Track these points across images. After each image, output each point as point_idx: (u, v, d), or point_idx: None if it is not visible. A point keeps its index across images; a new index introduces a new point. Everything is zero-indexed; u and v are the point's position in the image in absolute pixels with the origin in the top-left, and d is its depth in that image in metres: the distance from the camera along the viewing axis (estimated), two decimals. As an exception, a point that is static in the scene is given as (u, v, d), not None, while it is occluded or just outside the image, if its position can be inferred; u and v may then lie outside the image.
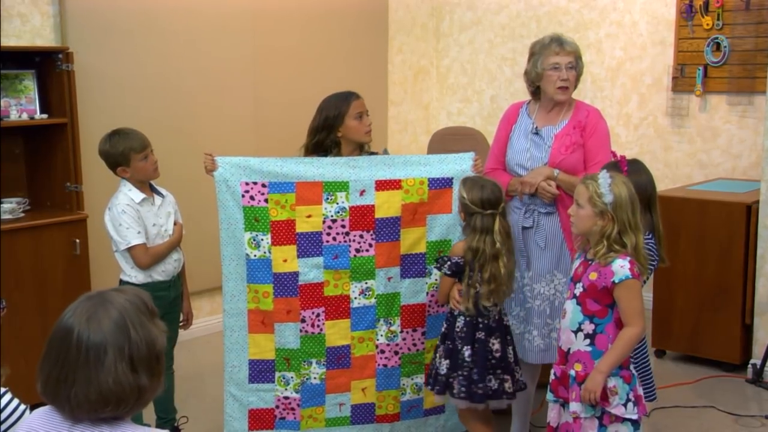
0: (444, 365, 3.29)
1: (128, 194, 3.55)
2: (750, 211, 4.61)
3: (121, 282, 3.61)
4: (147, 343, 1.74)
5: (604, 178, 2.86)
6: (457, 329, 3.29)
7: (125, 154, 3.52)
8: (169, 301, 3.68)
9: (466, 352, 3.26)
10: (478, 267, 3.24)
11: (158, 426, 3.75)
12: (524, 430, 3.77)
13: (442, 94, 6.78)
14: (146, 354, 1.73)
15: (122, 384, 1.69)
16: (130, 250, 3.53)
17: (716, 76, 5.35)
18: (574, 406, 2.87)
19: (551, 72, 3.57)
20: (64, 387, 1.69)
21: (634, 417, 2.84)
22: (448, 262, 3.29)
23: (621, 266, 2.80)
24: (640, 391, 2.90)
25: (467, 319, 3.28)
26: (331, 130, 3.61)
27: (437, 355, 3.35)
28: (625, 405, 2.84)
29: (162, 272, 3.63)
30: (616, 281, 2.80)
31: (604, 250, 2.83)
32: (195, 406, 4.10)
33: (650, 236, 3.23)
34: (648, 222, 3.22)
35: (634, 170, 3.28)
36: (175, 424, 3.88)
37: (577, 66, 3.62)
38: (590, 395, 2.81)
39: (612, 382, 2.84)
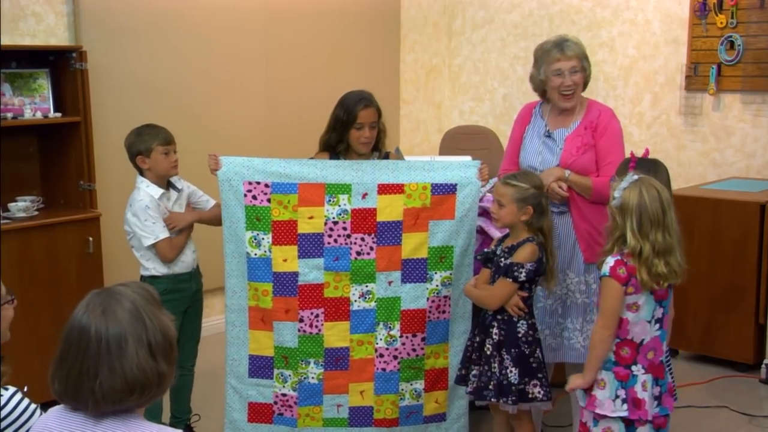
0: (514, 374, 3.18)
1: (147, 190, 3.59)
2: (764, 210, 4.59)
3: (142, 278, 3.64)
4: (161, 331, 1.78)
5: (626, 180, 2.88)
6: (520, 335, 3.21)
7: (148, 143, 3.57)
8: (191, 294, 3.73)
9: (539, 354, 3.24)
10: (548, 255, 3.24)
11: (172, 425, 3.76)
12: (536, 430, 3.76)
13: (454, 92, 6.77)
14: (162, 341, 1.77)
15: (145, 370, 1.73)
16: (157, 245, 3.56)
17: (730, 75, 5.32)
18: (578, 394, 3.00)
19: (555, 78, 3.56)
20: (87, 381, 1.71)
21: (622, 414, 2.85)
22: (524, 269, 3.18)
23: (606, 263, 2.86)
24: (642, 396, 2.86)
25: (529, 322, 3.25)
26: (341, 134, 3.62)
27: (495, 364, 3.20)
28: (613, 401, 2.86)
29: (181, 263, 3.67)
30: (600, 275, 2.89)
31: (608, 247, 2.90)
32: (208, 404, 4.12)
33: None
34: None
35: (645, 170, 3.25)
36: (188, 423, 3.90)
37: (582, 68, 3.58)
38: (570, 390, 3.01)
39: (601, 375, 2.89)
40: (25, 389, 2.18)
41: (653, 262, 2.80)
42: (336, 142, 3.64)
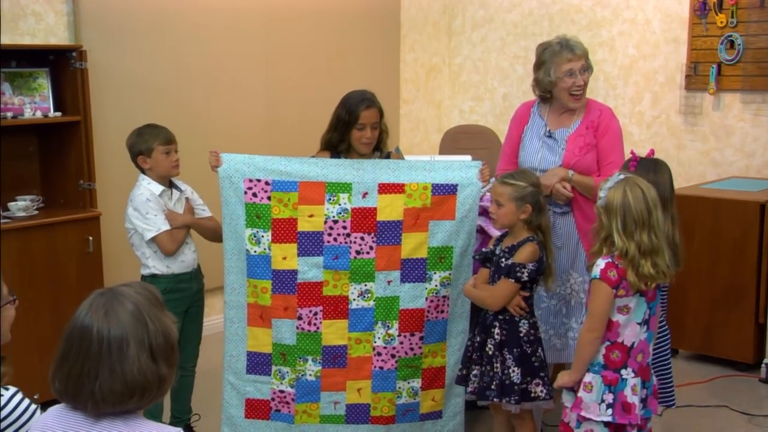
0: (517, 373, 3.17)
1: (148, 187, 3.60)
2: (764, 209, 4.59)
3: (143, 277, 3.64)
4: (163, 333, 1.78)
5: (611, 180, 2.86)
6: (522, 334, 3.20)
7: (149, 142, 3.58)
8: (192, 294, 3.73)
9: (540, 353, 3.24)
10: (547, 252, 3.23)
11: (172, 425, 3.75)
12: (536, 430, 3.76)
13: (454, 92, 6.77)
14: (163, 344, 1.77)
15: (145, 373, 1.73)
16: (158, 238, 3.57)
17: (730, 74, 5.32)
18: (564, 395, 2.98)
19: (567, 79, 3.54)
20: (87, 382, 1.71)
21: (606, 419, 2.83)
22: (526, 270, 3.16)
23: (597, 265, 2.83)
24: (633, 400, 2.84)
25: (530, 321, 3.24)
26: (342, 134, 3.62)
27: (497, 364, 3.19)
28: (599, 405, 2.84)
29: (182, 263, 3.67)
30: (591, 278, 2.86)
31: (596, 248, 2.88)
32: (208, 404, 4.11)
33: None
34: None
35: (646, 170, 3.26)
36: (188, 423, 3.90)
37: (589, 66, 3.59)
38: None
39: (588, 378, 2.87)
40: (36, 397, 2.17)
41: (640, 262, 2.77)
42: (337, 142, 3.65)
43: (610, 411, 2.83)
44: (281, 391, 3.56)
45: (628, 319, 2.83)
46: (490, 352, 3.23)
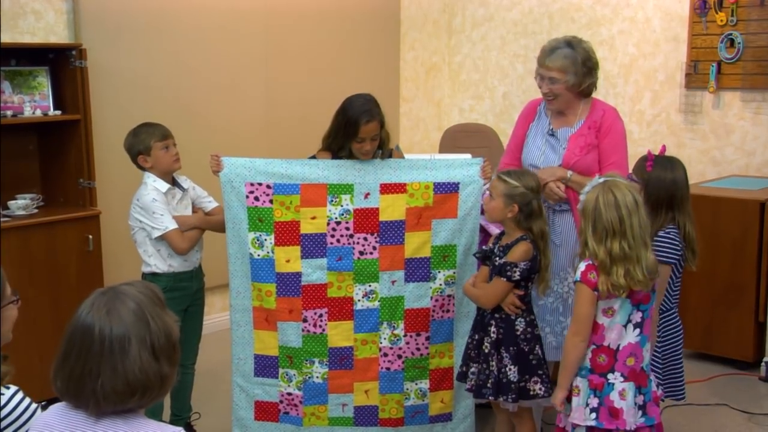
0: (514, 371, 3.16)
1: (154, 185, 3.60)
2: (763, 208, 4.59)
3: (144, 275, 3.64)
4: (165, 332, 1.78)
5: (590, 184, 2.86)
6: (519, 332, 3.19)
7: (146, 141, 3.58)
8: (192, 293, 3.73)
9: (538, 351, 3.23)
10: (542, 254, 3.21)
11: (172, 423, 3.76)
12: (535, 428, 3.76)
13: (454, 90, 6.77)
14: (165, 343, 1.77)
15: (147, 372, 1.73)
16: (167, 235, 3.55)
17: (730, 73, 5.31)
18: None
19: (537, 80, 3.59)
20: (89, 381, 1.71)
21: (591, 423, 2.80)
22: (518, 269, 3.15)
23: (578, 268, 2.82)
24: (621, 405, 2.79)
25: (527, 319, 3.23)
26: (342, 142, 3.53)
27: (493, 362, 3.19)
28: (584, 409, 2.82)
29: (184, 261, 3.66)
30: (573, 281, 2.87)
31: (580, 250, 2.88)
32: (208, 403, 4.12)
33: (674, 227, 3.24)
34: (670, 219, 3.26)
35: (661, 167, 3.27)
36: (188, 421, 3.90)
37: (565, 81, 3.51)
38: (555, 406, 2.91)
39: (576, 382, 2.86)
40: (43, 404, 2.17)
41: (611, 269, 2.73)
42: (338, 149, 3.62)
43: (594, 415, 2.79)
44: (289, 394, 3.56)
45: (613, 322, 2.81)
46: (487, 351, 3.23)
